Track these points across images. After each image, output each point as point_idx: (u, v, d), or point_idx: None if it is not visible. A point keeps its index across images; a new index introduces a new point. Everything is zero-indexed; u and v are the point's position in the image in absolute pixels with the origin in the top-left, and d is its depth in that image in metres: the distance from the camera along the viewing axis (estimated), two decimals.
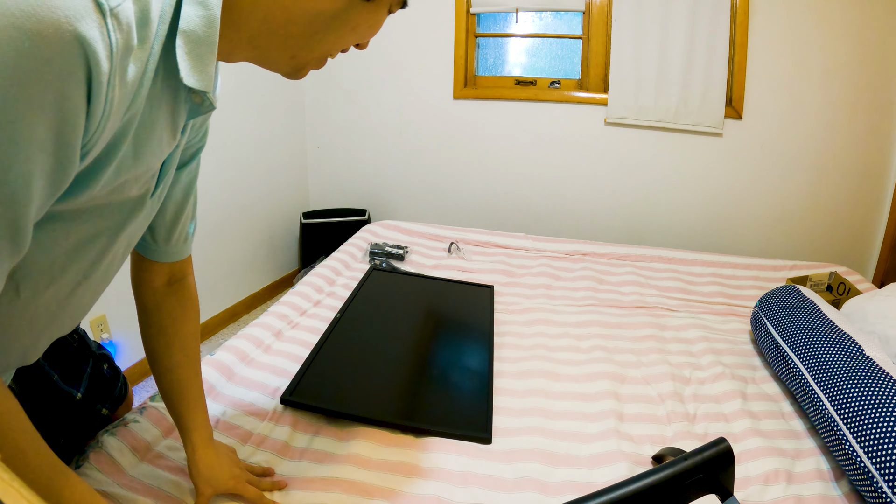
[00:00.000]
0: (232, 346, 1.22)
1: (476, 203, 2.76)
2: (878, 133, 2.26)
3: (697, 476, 0.56)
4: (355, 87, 2.75)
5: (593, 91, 2.48)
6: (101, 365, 0.91)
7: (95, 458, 0.84)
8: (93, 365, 0.89)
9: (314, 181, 2.98)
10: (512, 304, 1.56)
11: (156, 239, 0.71)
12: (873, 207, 2.35)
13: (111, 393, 0.93)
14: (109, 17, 0.37)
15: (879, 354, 0.98)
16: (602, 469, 0.93)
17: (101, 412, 0.91)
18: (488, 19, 2.61)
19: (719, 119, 2.32)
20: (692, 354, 1.32)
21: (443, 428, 1.00)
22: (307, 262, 2.73)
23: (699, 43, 2.25)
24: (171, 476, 0.86)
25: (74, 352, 0.85)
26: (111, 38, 0.38)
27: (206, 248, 2.18)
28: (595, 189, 2.58)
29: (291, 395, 1.06)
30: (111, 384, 0.93)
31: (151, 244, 0.72)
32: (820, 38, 2.19)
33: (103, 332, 1.78)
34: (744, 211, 2.45)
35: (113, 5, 0.38)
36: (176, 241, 0.73)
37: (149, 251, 0.73)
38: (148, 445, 0.91)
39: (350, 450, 0.94)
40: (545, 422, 1.05)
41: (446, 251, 1.93)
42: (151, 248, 0.72)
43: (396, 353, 1.28)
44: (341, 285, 1.63)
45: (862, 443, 0.84)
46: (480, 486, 0.88)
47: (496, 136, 2.63)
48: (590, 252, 1.97)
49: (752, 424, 1.05)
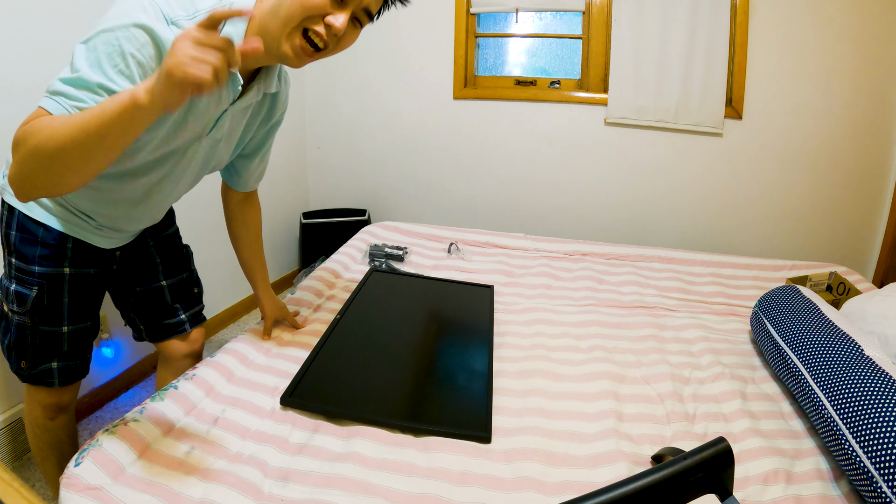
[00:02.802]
0: (232, 348, 1.22)
1: (476, 203, 2.76)
2: (878, 133, 2.25)
3: (697, 476, 0.56)
4: (355, 87, 2.75)
5: (593, 91, 2.48)
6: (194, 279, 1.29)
7: (95, 457, 0.84)
8: (187, 276, 1.26)
9: (314, 181, 2.98)
10: (512, 304, 1.56)
11: (243, 178, 1.20)
12: (873, 207, 2.35)
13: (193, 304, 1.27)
14: (171, 24, 0.74)
15: (879, 354, 0.98)
16: (601, 469, 0.93)
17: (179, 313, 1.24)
18: (488, 19, 2.61)
19: (719, 119, 2.32)
20: (692, 354, 1.32)
21: (442, 427, 1.00)
22: (307, 262, 2.73)
23: (699, 43, 2.25)
24: (171, 472, 0.86)
25: (182, 257, 1.26)
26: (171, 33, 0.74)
27: (207, 248, 2.18)
28: (595, 189, 2.58)
29: (291, 396, 1.06)
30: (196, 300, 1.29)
31: (238, 181, 1.21)
32: (820, 38, 2.19)
33: (103, 332, 1.78)
34: (744, 211, 2.45)
35: (175, 20, 0.75)
36: (255, 180, 1.24)
37: (237, 185, 1.22)
38: (148, 444, 0.91)
39: (349, 448, 0.94)
40: (545, 422, 1.05)
41: (446, 252, 1.93)
42: (239, 183, 1.22)
43: (396, 354, 1.28)
44: (341, 287, 1.63)
45: (861, 443, 0.84)
46: (480, 486, 0.88)
47: (496, 136, 2.63)
48: (589, 252, 1.97)
49: (752, 424, 1.05)
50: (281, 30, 0.80)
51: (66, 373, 1.08)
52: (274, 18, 0.80)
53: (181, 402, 1.01)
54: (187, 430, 0.97)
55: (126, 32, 0.71)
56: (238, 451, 0.93)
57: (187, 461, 0.89)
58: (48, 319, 1.02)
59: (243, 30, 0.81)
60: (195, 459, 0.90)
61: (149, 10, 0.72)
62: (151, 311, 1.21)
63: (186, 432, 0.96)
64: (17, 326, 1.02)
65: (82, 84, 0.71)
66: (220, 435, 0.97)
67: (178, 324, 1.24)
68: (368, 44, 2.64)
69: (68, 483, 0.80)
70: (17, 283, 1.00)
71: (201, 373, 1.11)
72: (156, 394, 1.02)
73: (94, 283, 1.08)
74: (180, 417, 0.99)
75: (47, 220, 0.98)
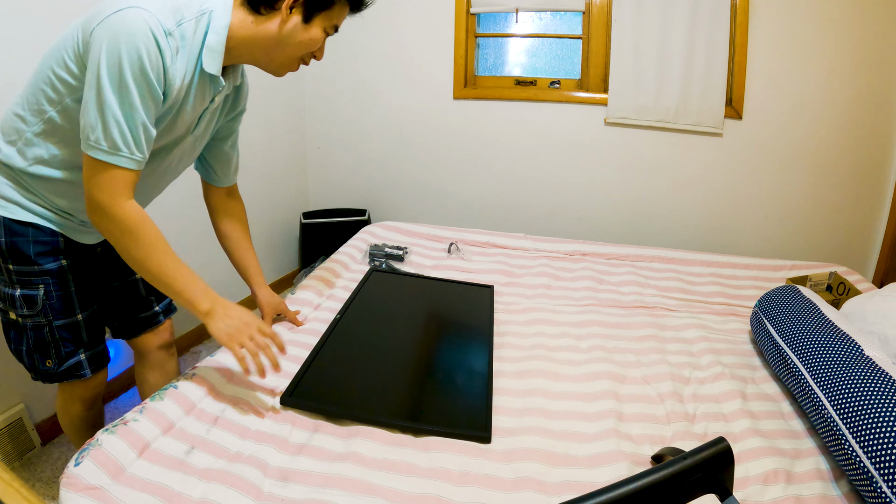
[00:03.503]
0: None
1: (476, 203, 2.76)
2: (878, 133, 2.25)
3: (697, 476, 0.56)
4: (355, 87, 2.75)
5: (593, 91, 2.48)
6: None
7: (95, 456, 0.84)
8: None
9: (314, 181, 2.98)
10: (512, 304, 1.56)
11: (220, 171, 1.24)
12: (873, 207, 2.35)
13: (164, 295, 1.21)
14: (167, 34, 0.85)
15: (879, 354, 0.97)
16: (601, 469, 0.93)
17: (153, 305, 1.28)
18: (488, 19, 2.61)
19: (719, 119, 2.32)
20: (692, 354, 1.32)
21: (442, 427, 1.00)
22: (307, 262, 2.73)
23: (699, 43, 2.25)
24: (170, 472, 0.86)
25: None
26: (169, 42, 0.85)
27: (206, 248, 2.18)
28: (595, 189, 2.58)
29: (291, 396, 1.06)
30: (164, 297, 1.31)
31: (217, 176, 1.24)
32: (820, 37, 2.19)
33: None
34: (744, 211, 2.45)
35: (170, 30, 0.85)
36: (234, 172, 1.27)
37: (218, 180, 1.25)
38: (147, 444, 0.91)
39: (349, 448, 0.94)
40: (545, 421, 1.05)
41: (446, 252, 1.93)
42: (219, 178, 1.24)
43: (396, 354, 1.28)
44: (341, 287, 1.62)
45: (861, 443, 0.84)
46: (480, 486, 0.88)
47: (496, 136, 2.63)
48: (589, 252, 1.97)
49: (752, 424, 1.05)
50: (284, 59, 0.99)
51: (95, 360, 1.11)
52: (280, 48, 0.96)
53: (181, 402, 1.01)
54: (187, 429, 0.96)
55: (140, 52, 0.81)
56: (238, 450, 0.93)
57: (187, 461, 0.89)
58: (62, 312, 1.03)
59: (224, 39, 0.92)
60: (195, 459, 0.90)
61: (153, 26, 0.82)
62: (128, 305, 1.22)
63: (186, 432, 0.96)
64: (33, 328, 1.02)
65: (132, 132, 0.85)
66: (220, 435, 0.97)
67: (152, 316, 1.27)
68: (369, 44, 2.64)
69: (68, 483, 0.80)
70: (21, 287, 1.00)
71: (201, 372, 1.11)
72: (155, 393, 1.02)
73: (89, 270, 1.12)
74: (180, 417, 0.99)
75: (34, 220, 0.99)
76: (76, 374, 1.09)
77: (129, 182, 0.89)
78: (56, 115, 0.92)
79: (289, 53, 0.97)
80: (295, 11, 0.93)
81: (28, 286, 0.99)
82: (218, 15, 0.90)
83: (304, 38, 0.96)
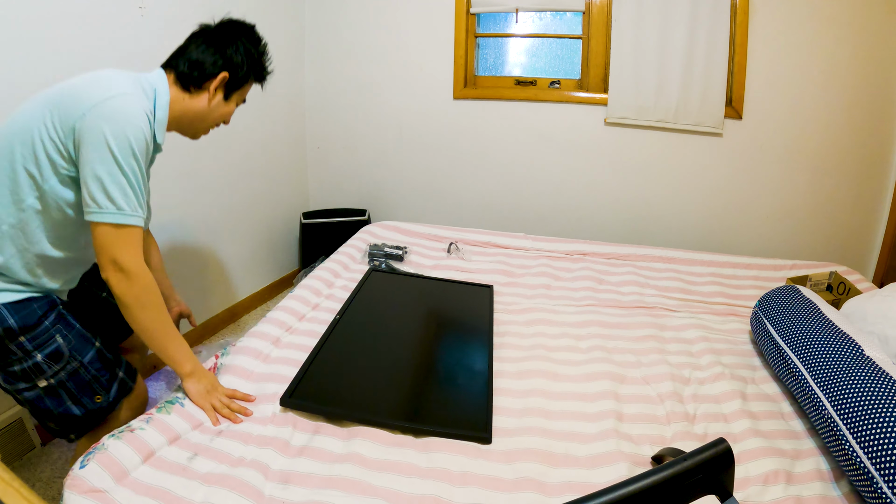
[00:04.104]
0: (230, 364, 1.19)
1: (476, 203, 2.76)
2: (878, 133, 2.25)
3: (697, 476, 0.56)
4: (355, 88, 2.75)
5: (593, 91, 2.48)
6: None
7: (100, 460, 0.84)
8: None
9: (314, 181, 2.98)
10: (511, 304, 1.56)
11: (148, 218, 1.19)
12: (873, 207, 2.35)
13: None
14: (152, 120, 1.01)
15: (879, 354, 0.97)
16: (601, 469, 0.93)
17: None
18: (488, 19, 2.61)
19: (719, 119, 2.32)
20: (692, 354, 1.32)
21: (442, 428, 1.00)
22: (307, 262, 2.73)
23: (699, 43, 2.25)
24: (172, 477, 0.86)
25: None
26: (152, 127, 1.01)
27: (206, 249, 2.18)
28: (595, 189, 2.58)
29: (291, 397, 1.06)
30: None
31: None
32: (820, 37, 2.19)
33: None
34: (744, 211, 2.45)
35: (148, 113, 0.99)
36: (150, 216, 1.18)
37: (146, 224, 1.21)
38: (153, 451, 0.91)
39: (350, 449, 0.94)
40: (545, 422, 1.05)
41: (446, 251, 1.93)
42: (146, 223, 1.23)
43: (396, 354, 1.28)
44: (340, 287, 1.62)
45: (861, 443, 0.84)
46: (480, 486, 0.88)
47: (496, 136, 2.63)
48: (589, 252, 1.97)
49: (752, 425, 1.05)
50: (205, 128, 1.17)
51: (129, 370, 1.17)
52: (203, 120, 1.14)
53: (188, 418, 1.01)
54: (192, 440, 0.97)
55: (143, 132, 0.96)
56: (240, 455, 0.93)
57: (190, 467, 0.89)
58: (85, 348, 1.06)
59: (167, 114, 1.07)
60: (197, 465, 0.90)
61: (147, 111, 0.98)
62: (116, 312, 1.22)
63: (191, 442, 0.96)
64: (71, 376, 1.04)
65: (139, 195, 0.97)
66: (224, 443, 0.97)
67: None
68: (369, 44, 2.63)
69: (72, 484, 0.80)
70: (39, 350, 1.01)
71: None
72: (161, 405, 1.02)
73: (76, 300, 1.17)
74: (187, 430, 0.99)
75: (29, 296, 1.02)
76: (127, 390, 1.14)
77: (142, 240, 1.00)
78: (36, 201, 0.96)
79: (209, 123, 1.16)
80: (218, 91, 1.11)
81: (46, 345, 1.01)
82: (161, 93, 1.06)
83: (224, 111, 1.16)
